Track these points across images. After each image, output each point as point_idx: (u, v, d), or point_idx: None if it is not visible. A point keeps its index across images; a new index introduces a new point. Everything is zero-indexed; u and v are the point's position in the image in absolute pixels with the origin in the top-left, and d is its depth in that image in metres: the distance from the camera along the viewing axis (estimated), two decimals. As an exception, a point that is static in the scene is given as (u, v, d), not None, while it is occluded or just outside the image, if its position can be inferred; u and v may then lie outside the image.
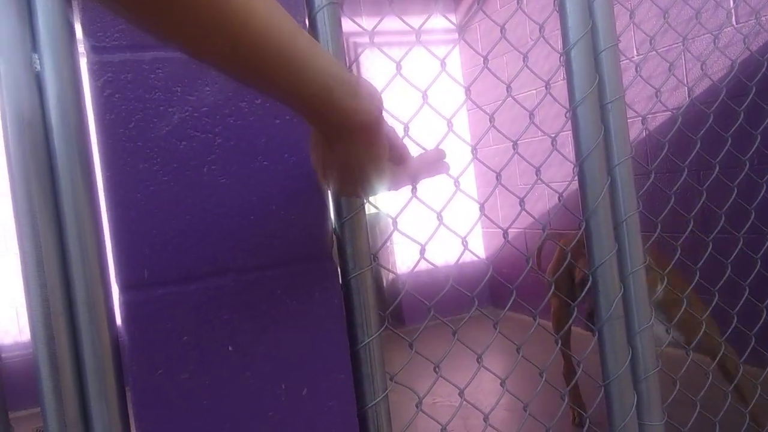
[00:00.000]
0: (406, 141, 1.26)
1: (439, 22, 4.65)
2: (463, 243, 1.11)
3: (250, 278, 0.90)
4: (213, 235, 0.89)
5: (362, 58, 4.46)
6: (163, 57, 0.89)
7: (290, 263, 0.93)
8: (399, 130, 0.90)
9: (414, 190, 1.08)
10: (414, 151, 0.85)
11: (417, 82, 1.16)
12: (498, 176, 1.19)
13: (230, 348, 0.88)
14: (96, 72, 0.85)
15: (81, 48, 0.86)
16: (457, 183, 1.13)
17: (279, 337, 0.91)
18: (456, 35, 4.76)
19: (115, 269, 0.85)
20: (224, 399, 0.88)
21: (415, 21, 4.36)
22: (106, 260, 0.86)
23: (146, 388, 0.84)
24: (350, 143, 0.68)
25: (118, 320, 0.86)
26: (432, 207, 1.14)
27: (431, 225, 4.11)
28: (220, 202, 0.90)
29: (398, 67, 1.13)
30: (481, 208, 1.11)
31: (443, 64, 1.16)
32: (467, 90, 1.16)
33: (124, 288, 0.84)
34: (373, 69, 4.44)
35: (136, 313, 0.84)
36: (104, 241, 0.86)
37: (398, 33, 4.32)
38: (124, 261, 0.84)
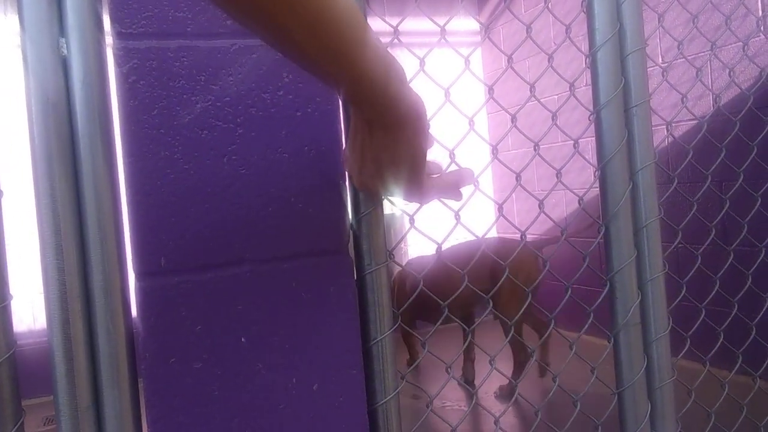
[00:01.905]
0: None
1: (463, 23, 4.63)
2: (479, 239, 1.10)
3: (266, 269, 0.90)
4: (231, 224, 0.89)
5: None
6: (188, 45, 0.89)
7: (306, 256, 0.93)
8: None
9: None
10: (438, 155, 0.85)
11: (439, 82, 1.16)
12: (518, 177, 1.17)
13: (243, 339, 0.88)
14: (122, 58, 0.86)
15: (108, 35, 0.86)
16: (476, 182, 1.12)
17: (292, 330, 0.91)
18: (478, 38, 4.74)
19: (133, 256, 0.85)
20: (236, 390, 0.88)
21: (439, 21, 4.35)
22: (124, 246, 0.87)
23: (159, 376, 0.84)
24: (394, 132, 0.69)
25: (134, 308, 0.86)
26: (450, 206, 1.13)
27: (446, 227, 4.10)
28: (239, 192, 0.90)
29: (422, 63, 1.12)
30: (499, 208, 1.10)
31: (467, 61, 1.15)
32: (490, 89, 1.15)
33: (141, 275, 0.84)
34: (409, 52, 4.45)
35: (152, 301, 0.84)
36: (123, 227, 0.86)
37: (420, 34, 4.31)
38: (142, 247, 0.85)
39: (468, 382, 3.07)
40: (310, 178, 0.94)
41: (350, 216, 1.00)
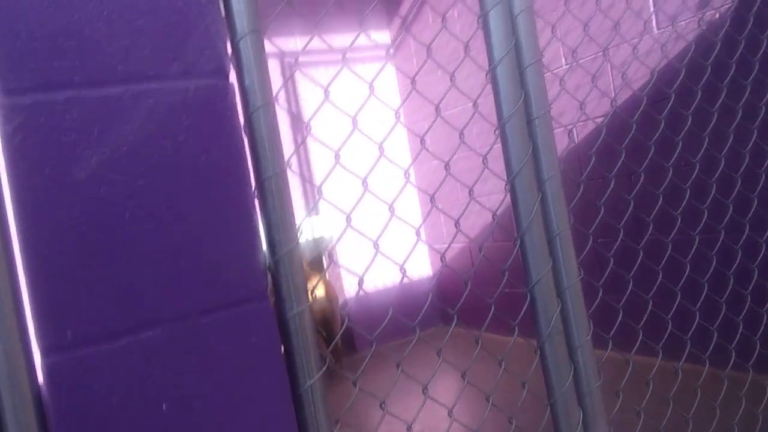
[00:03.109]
0: (338, 168, 1.24)
1: (375, 37, 4.67)
2: (401, 270, 1.10)
3: (181, 328, 0.86)
4: (139, 284, 0.85)
5: (297, 75, 4.42)
6: (77, 96, 0.84)
7: (223, 308, 0.90)
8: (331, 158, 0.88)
9: (349, 219, 1.07)
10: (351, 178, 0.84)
11: (354, 97, 1.15)
12: (432, 199, 1.18)
13: (164, 406, 0.83)
14: (5, 117, 0.80)
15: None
16: (392, 209, 1.12)
17: (216, 390, 0.87)
18: (392, 47, 4.79)
19: (36, 332, 0.79)
20: (161, 457, 0.84)
21: (350, 37, 4.36)
22: (26, 321, 0.80)
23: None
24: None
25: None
26: (368, 236, 1.12)
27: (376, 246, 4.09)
28: (146, 248, 0.86)
29: (326, 93, 1.11)
30: (417, 233, 1.11)
31: (372, 88, 1.15)
32: (397, 113, 1.16)
33: (46, 351, 0.78)
34: (309, 87, 4.42)
35: (60, 378, 0.78)
36: (22, 302, 0.80)
37: (331, 51, 4.31)
38: (44, 322, 0.79)
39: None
40: (221, 224, 0.91)
41: (267, 258, 0.97)
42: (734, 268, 1.81)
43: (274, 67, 4.18)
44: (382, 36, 4.67)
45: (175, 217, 0.88)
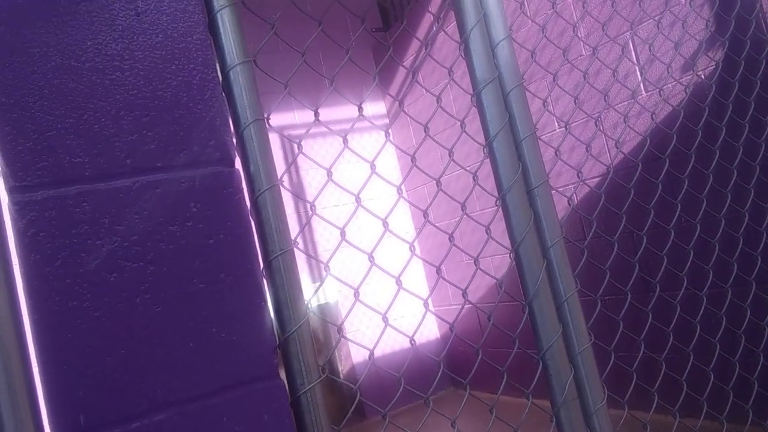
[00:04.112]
0: (344, 246, 1.26)
1: (370, 110, 4.79)
2: (411, 342, 1.10)
3: (193, 409, 0.86)
4: (151, 367, 0.85)
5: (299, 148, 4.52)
6: (88, 190, 0.87)
7: (235, 387, 0.90)
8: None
9: (357, 294, 1.08)
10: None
11: (354, 169, 1.18)
12: (438, 271, 1.20)
13: (176, 492, 0.82)
14: (18, 212, 0.83)
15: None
16: (399, 282, 1.14)
17: (228, 473, 0.86)
18: (389, 119, 4.91)
19: (48, 418, 0.79)
20: None
21: (347, 109, 4.47)
22: (39, 408, 0.81)
23: None
24: None
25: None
26: (377, 309, 1.13)
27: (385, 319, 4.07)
28: (157, 332, 0.87)
29: (329, 173, 1.15)
30: (425, 305, 1.12)
31: (373, 167, 1.19)
32: (399, 189, 1.19)
33: (58, 438, 0.79)
34: (311, 162, 4.51)
35: (72, 465, 0.78)
36: (35, 388, 0.81)
37: (335, 122, 4.42)
38: (58, 408, 0.80)
39: None
40: (231, 304, 0.93)
41: (277, 336, 0.98)
42: (744, 326, 1.80)
43: (274, 141, 4.27)
44: (378, 107, 4.80)
45: (185, 300, 0.89)
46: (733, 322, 1.84)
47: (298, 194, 2.96)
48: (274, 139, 4.30)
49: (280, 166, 4.07)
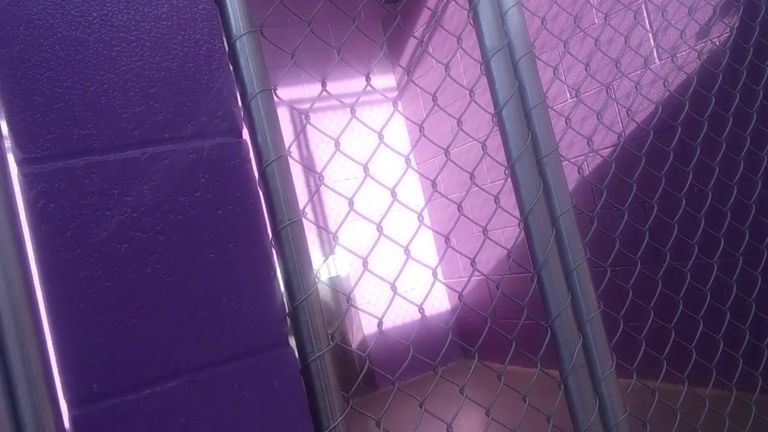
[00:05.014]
0: (350, 218, 1.26)
1: (380, 82, 4.76)
2: (420, 310, 1.11)
3: (204, 377, 0.87)
4: (162, 336, 0.87)
5: (309, 125, 4.51)
6: (96, 161, 0.88)
7: (245, 355, 0.91)
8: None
9: (365, 263, 1.08)
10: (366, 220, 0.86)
11: (364, 140, 1.18)
12: (447, 240, 1.20)
13: (188, 457, 0.84)
14: (28, 184, 0.84)
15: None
16: (407, 252, 1.14)
17: (239, 438, 0.88)
18: (398, 90, 4.87)
19: (62, 385, 0.81)
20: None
21: (356, 82, 4.45)
22: (53, 376, 0.83)
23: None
24: None
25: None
26: (385, 279, 1.14)
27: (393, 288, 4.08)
28: (167, 301, 0.88)
29: (337, 144, 1.14)
30: (434, 273, 1.12)
31: (381, 137, 1.18)
32: (407, 159, 1.18)
33: (73, 404, 0.81)
34: (320, 133, 4.50)
35: (87, 429, 0.80)
36: (49, 356, 0.83)
37: (340, 98, 4.40)
38: (71, 376, 0.81)
39: None
40: (240, 274, 0.93)
41: (287, 304, 0.99)
42: (756, 293, 1.80)
43: (283, 114, 4.26)
44: (388, 80, 4.76)
45: (195, 270, 0.90)
46: (743, 290, 1.83)
47: (309, 168, 2.98)
48: (284, 114, 4.29)
49: (290, 139, 4.07)
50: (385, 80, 4.77)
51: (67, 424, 0.82)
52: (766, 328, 1.89)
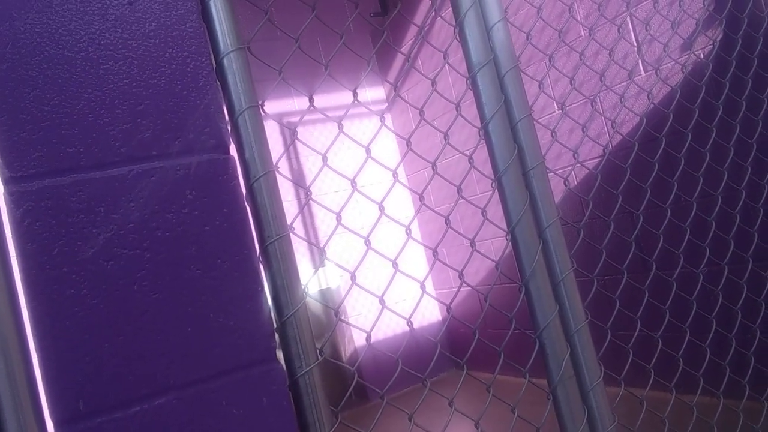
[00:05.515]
0: (340, 230, 1.27)
1: (369, 95, 4.78)
2: (408, 324, 1.11)
3: (192, 394, 0.87)
4: (149, 352, 0.87)
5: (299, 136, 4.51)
6: (83, 179, 0.88)
7: (233, 371, 0.91)
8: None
9: (353, 278, 1.09)
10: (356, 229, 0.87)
11: (353, 154, 1.19)
12: (435, 253, 1.20)
13: (176, 475, 0.84)
14: (14, 203, 0.84)
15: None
16: (395, 265, 1.14)
17: (227, 454, 0.88)
18: (387, 103, 4.90)
19: (48, 404, 0.81)
20: None
21: (344, 95, 4.46)
22: (38, 395, 0.82)
23: None
24: None
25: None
26: (374, 292, 1.14)
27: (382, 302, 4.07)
28: (154, 317, 0.88)
29: (324, 158, 1.15)
30: (422, 287, 1.12)
31: (368, 151, 1.19)
32: (394, 173, 1.19)
33: (59, 423, 0.80)
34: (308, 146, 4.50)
35: (74, 450, 0.80)
36: (35, 375, 0.82)
37: (334, 108, 4.41)
38: (57, 395, 0.81)
39: None
40: (228, 290, 0.93)
41: (275, 320, 0.99)
42: (741, 302, 1.81)
43: (272, 127, 4.26)
44: (377, 92, 4.78)
45: (182, 287, 0.90)
46: (729, 298, 1.85)
47: (299, 182, 2.97)
48: (273, 127, 4.30)
49: (279, 152, 4.07)
50: (374, 93, 4.79)
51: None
52: (752, 335, 1.90)
